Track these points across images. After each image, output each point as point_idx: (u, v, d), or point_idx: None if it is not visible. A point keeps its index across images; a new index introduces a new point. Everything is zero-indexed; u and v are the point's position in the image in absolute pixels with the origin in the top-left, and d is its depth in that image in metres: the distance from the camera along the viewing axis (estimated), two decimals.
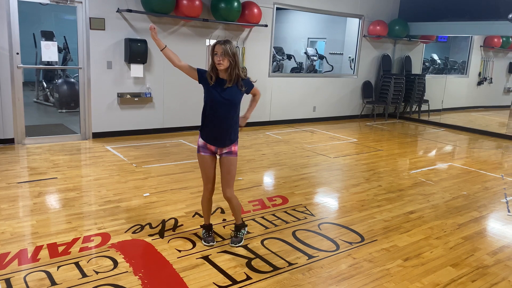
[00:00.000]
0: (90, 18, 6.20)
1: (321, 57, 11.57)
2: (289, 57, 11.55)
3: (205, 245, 3.34)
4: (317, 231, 3.73)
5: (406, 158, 6.67)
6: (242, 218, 3.53)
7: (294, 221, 3.90)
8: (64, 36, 9.54)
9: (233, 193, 3.34)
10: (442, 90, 10.75)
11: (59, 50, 9.24)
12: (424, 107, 10.69)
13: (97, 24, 6.28)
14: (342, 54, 10.93)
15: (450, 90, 11.05)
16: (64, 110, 8.59)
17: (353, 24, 10.01)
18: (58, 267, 2.92)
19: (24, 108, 6.10)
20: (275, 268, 3.06)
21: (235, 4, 7.12)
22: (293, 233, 3.64)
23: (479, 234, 3.85)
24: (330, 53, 11.68)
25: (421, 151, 7.40)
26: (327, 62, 11.35)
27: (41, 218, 3.72)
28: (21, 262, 2.95)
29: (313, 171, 5.61)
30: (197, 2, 6.73)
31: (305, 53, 11.63)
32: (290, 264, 3.13)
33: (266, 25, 7.86)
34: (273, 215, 4.02)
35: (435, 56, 12.93)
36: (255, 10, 7.47)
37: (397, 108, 10.48)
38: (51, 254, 3.09)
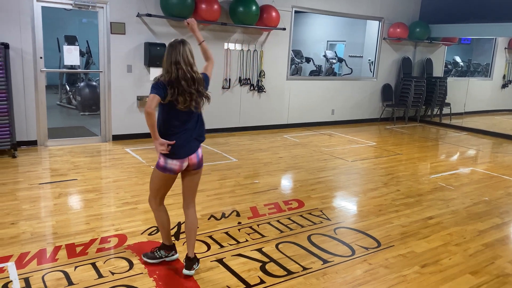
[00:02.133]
0: (111, 22, 6.32)
1: (340, 60, 11.48)
2: (308, 60, 11.50)
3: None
4: (333, 235, 3.69)
5: (426, 162, 6.55)
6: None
7: (309, 225, 3.87)
8: (87, 41, 9.75)
9: None
10: (464, 93, 10.52)
11: (82, 54, 9.48)
12: (445, 110, 10.50)
13: (117, 28, 6.39)
14: (362, 56, 10.82)
15: (473, 93, 10.80)
16: (85, 113, 8.77)
17: (373, 27, 9.91)
18: (76, 267, 2.98)
19: (48, 111, 6.26)
20: (289, 272, 3.05)
21: (254, 7, 7.15)
22: (308, 237, 3.61)
23: (501, 241, 3.74)
24: (349, 55, 11.58)
25: (442, 155, 7.26)
26: (346, 65, 11.26)
27: (60, 218, 3.80)
28: (40, 262, 3.02)
29: (330, 175, 5.56)
30: (215, 6, 6.79)
31: (324, 56, 11.57)
32: (304, 268, 3.11)
33: (284, 29, 7.86)
34: (289, 218, 4.01)
35: (458, 59, 12.67)
36: (273, 14, 7.47)
37: (418, 111, 10.31)
38: (69, 254, 3.15)
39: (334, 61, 11.34)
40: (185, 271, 2.92)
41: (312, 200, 4.53)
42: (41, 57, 5.92)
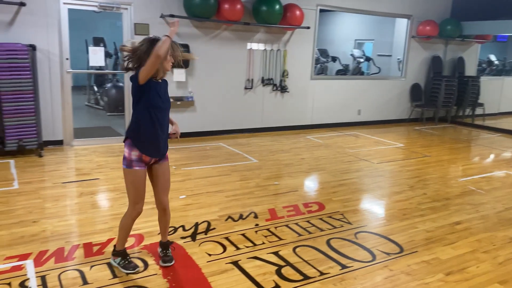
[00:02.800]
0: (135, 23, 6.39)
1: (368, 59, 11.24)
2: (334, 59, 11.32)
3: (129, 273, 2.90)
4: (353, 240, 3.57)
5: (455, 165, 6.29)
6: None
7: (329, 229, 3.76)
8: (114, 42, 9.92)
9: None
10: (499, 92, 10.08)
11: (109, 56, 9.67)
12: (478, 111, 10.09)
13: (141, 29, 6.45)
14: (391, 55, 10.55)
15: (509, 92, 10.34)
16: (112, 114, 8.92)
17: (402, 25, 9.63)
18: (91, 266, 2.99)
19: (76, 112, 6.39)
20: (306, 277, 2.96)
21: (277, 6, 7.07)
22: (327, 242, 3.51)
23: None
24: (378, 54, 11.32)
25: (473, 158, 6.96)
26: (374, 64, 11.01)
27: (80, 217, 3.84)
28: (58, 260, 3.05)
29: (354, 177, 5.42)
30: (238, 6, 6.75)
31: (351, 55, 11.35)
32: (321, 273, 3.01)
33: (308, 27, 7.74)
34: (308, 221, 3.91)
35: (493, 57, 12.17)
36: (297, 12, 7.37)
37: (449, 112, 9.94)
38: (86, 253, 3.17)
39: (361, 60, 11.12)
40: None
41: (333, 203, 4.41)
42: (67, 59, 6.05)
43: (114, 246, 3.04)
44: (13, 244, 3.25)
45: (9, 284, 2.72)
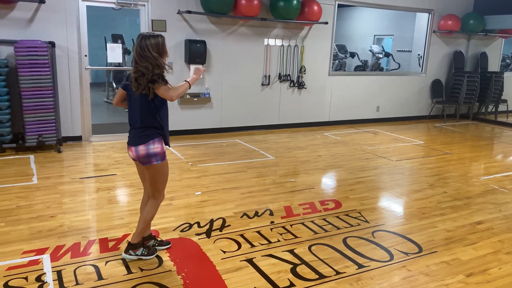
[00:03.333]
0: (152, 20, 6.41)
1: (387, 55, 11.05)
2: (353, 55, 11.16)
3: (153, 257, 3.05)
4: (371, 239, 3.50)
5: (477, 163, 6.12)
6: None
7: (346, 227, 3.70)
8: (132, 39, 9.98)
9: None
10: None
11: (128, 53, 9.74)
12: (502, 107, 9.80)
13: (158, 25, 6.47)
14: (411, 51, 10.34)
15: None
16: None
17: (423, 20, 9.42)
18: (106, 262, 3.00)
19: (95, 108, 6.45)
20: (321, 276, 2.91)
21: (295, 2, 6.99)
22: (344, 240, 3.45)
23: None
24: (397, 50, 11.12)
25: (496, 155, 6.77)
26: (394, 60, 10.81)
27: (97, 213, 3.87)
28: (74, 255, 3.07)
29: (371, 175, 5.32)
30: (255, 2, 6.70)
31: (370, 50, 11.18)
32: (337, 272, 2.95)
33: (326, 23, 7.64)
34: (324, 219, 3.85)
35: None
36: (315, 8, 7.28)
37: (471, 109, 9.70)
38: (101, 248, 3.18)
39: (380, 55, 10.93)
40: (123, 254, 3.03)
41: (350, 201, 4.34)
42: (85, 55, 6.10)
43: (129, 242, 3.05)
44: (31, 239, 3.29)
45: (25, 278, 2.76)
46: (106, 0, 6.13)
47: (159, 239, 3.27)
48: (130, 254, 3.02)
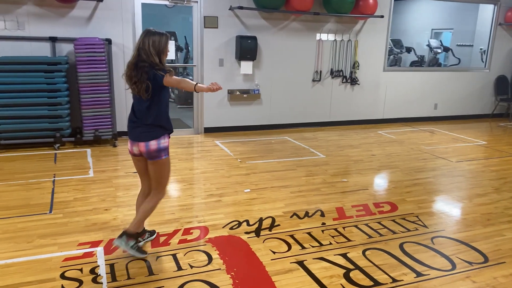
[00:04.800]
0: (204, 17, 6.44)
1: (446, 50, 10.45)
2: (409, 50, 10.67)
3: (141, 257, 2.99)
4: (430, 245, 3.28)
5: None
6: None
7: (402, 232, 3.50)
8: (185, 36, 10.13)
9: None
10: None
11: (180, 50, 9.90)
12: None
13: (210, 22, 6.48)
14: (472, 45, 9.73)
15: None
16: (182, 106, 9.14)
17: (487, 11, 8.81)
18: (157, 257, 3.01)
19: None
20: (376, 283, 2.75)
21: None
22: (401, 246, 3.25)
23: None
24: (457, 44, 10.51)
25: None
26: (453, 55, 10.22)
27: None
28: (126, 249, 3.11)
29: (429, 176, 5.03)
30: None
31: (428, 45, 10.63)
32: (394, 280, 2.79)
33: (382, 16, 7.33)
34: (379, 223, 3.67)
35: None
36: (370, 1, 7.00)
37: None
38: (152, 243, 3.21)
39: (439, 50, 10.35)
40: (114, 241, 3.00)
41: (407, 204, 4.11)
42: None
43: (124, 231, 2.99)
44: (86, 231, 3.38)
45: (80, 270, 2.82)
46: None
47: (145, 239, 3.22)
48: (128, 242, 2.95)
